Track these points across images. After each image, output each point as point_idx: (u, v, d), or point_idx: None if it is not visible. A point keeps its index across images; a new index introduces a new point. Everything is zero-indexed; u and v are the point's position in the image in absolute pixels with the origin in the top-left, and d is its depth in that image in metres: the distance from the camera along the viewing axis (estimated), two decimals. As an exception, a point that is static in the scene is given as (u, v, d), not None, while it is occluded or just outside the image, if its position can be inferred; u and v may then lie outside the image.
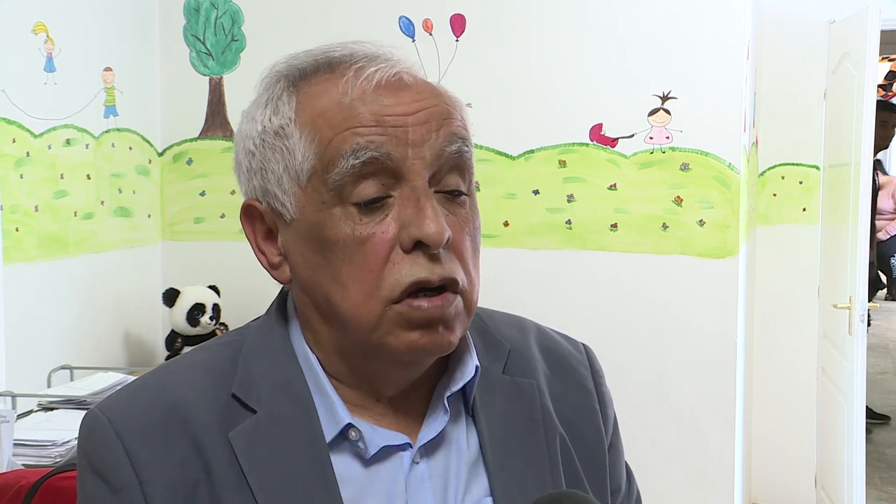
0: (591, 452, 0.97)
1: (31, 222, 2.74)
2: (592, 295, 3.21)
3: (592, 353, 1.06)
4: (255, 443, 0.85)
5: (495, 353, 0.97)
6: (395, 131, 0.83)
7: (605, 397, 1.03)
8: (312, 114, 0.85)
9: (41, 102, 2.79)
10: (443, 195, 0.86)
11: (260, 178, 0.88)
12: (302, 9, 3.33)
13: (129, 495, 0.84)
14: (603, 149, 3.19)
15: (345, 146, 0.83)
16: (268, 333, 0.92)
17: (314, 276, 0.87)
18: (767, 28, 4.09)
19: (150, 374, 0.93)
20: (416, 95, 0.86)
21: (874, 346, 7.61)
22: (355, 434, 0.87)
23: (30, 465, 2.13)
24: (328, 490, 0.85)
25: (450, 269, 0.85)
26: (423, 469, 0.89)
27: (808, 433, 4.19)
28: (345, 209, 0.84)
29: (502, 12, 3.23)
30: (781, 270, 4.20)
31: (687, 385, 3.18)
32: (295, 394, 0.88)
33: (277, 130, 0.86)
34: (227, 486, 0.84)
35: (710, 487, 3.18)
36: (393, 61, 0.87)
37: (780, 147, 4.16)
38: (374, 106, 0.84)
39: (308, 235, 0.86)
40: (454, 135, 0.86)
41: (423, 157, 0.84)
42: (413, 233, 0.83)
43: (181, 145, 3.45)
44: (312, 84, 0.87)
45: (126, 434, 0.85)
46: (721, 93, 3.11)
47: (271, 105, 0.88)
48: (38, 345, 2.79)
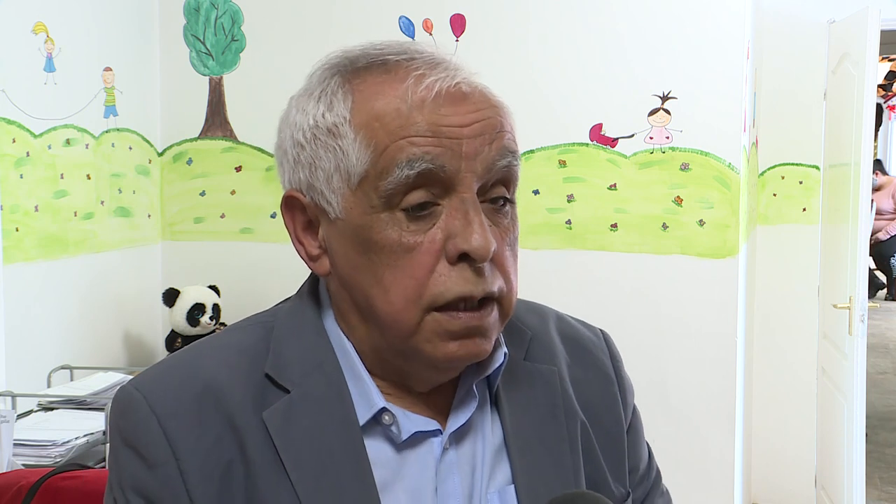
0: (611, 437, 0.99)
1: (31, 222, 2.74)
2: (592, 295, 3.21)
3: (611, 339, 1.07)
4: (289, 422, 0.86)
5: (517, 341, 0.98)
6: (451, 143, 0.83)
7: (625, 382, 1.05)
8: (368, 116, 0.85)
9: (41, 102, 2.79)
10: (487, 204, 0.87)
11: (308, 172, 0.88)
12: (302, 9, 3.33)
13: (164, 472, 0.84)
14: (603, 149, 3.19)
15: (400, 155, 0.83)
16: (300, 315, 0.93)
17: (356, 275, 0.87)
18: (767, 28, 4.09)
19: (182, 353, 0.93)
20: (473, 106, 0.86)
21: (874, 346, 7.61)
22: (389, 418, 0.88)
23: (30, 465, 2.13)
24: (361, 471, 0.86)
25: (492, 283, 0.85)
26: (452, 456, 0.90)
27: (808, 433, 4.19)
28: (393, 215, 0.84)
29: (502, 12, 3.23)
30: (781, 270, 4.20)
31: (687, 385, 3.18)
32: (328, 375, 0.89)
33: (331, 128, 0.86)
34: (261, 464, 0.85)
35: (710, 487, 3.18)
36: (452, 69, 0.87)
37: (780, 147, 4.16)
38: (432, 116, 0.84)
39: (353, 236, 0.86)
40: (506, 148, 0.87)
41: (475, 169, 0.84)
42: (460, 245, 0.83)
43: (181, 145, 3.45)
44: (368, 83, 0.86)
45: (161, 410, 0.85)
46: (721, 93, 3.11)
47: (325, 100, 0.87)
48: (38, 345, 2.79)
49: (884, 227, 9.61)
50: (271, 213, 3.36)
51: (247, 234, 3.42)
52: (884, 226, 9.62)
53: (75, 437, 2.25)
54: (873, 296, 9.57)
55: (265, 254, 3.39)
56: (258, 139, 3.36)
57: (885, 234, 9.61)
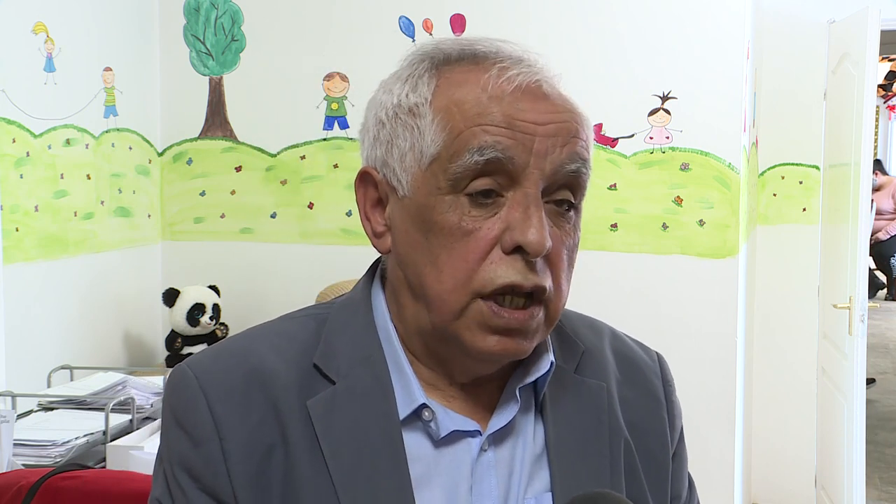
0: (655, 460, 0.99)
1: (31, 222, 2.74)
2: (592, 295, 3.20)
3: (665, 363, 1.08)
4: (332, 412, 0.88)
5: (569, 353, 0.99)
6: (523, 137, 0.85)
7: (675, 407, 1.05)
8: (448, 101, 0.87)
9: (41, 102, 2.79)
10: (552, 206, 0.88)
11: (385, 149, 0.90)
12: (302, 9, 3.33)
13: (208, 449, 0.87)
14: (603, 149, 3.19)
15: (473, 141, 0.85)
16: (352, 309, 0.95)
17: (413, 253, 0.89)
18: (767, 28, 4.09)
19: (237, 337, 0.96)
20: (551, 107, 0.88)
21: (874, 346, 7.61)
22: (428, 414, 0.90)
23: (30, 465, 2.13)
24: (397, 465, 0.87)
25: (543, 278, 0.87)
26: (489, 457, 0.91)
27: (808, 433, 4.19)
28: (456, 198, 0.86)
29: (502, 12, 3.23)
30: (781, 270, 4.20)
31: (687, 385, 3.16)
32: (374, 369, 0.91)
33: (412, 108, 0.88)
34: (301, 450, 0.87)
35: (710, 487, 3.18)
36: (536, 68, 0.89)
37: (780, 147, 4.16)
38: (508, 108, 0.85)
39: (416, 214, 0.88)
40: (577, 154, 0.88)
41: (543, 168, 0.86)
42: (516, 237, 0.85)
43: (181, 145, 3.45)
44: (455, 72, 0.89)
45: (211, 391, 0.88)
46: (721, 93, 3.11)
47: (411, 82, 0.90)
48: (38, 345, 2.79)
49: (884, 227, 9.62)
50: (271, 213, 3.36)
51: (247, 234, 3.42)
52: (884, 226, 9.62)
53: (75, 437, 2.24)
54: (873, 296, 9.58)
55: (265, 254, 3.39)
56: (258, 139, 3.36)
57: (885, 234, 9.62)
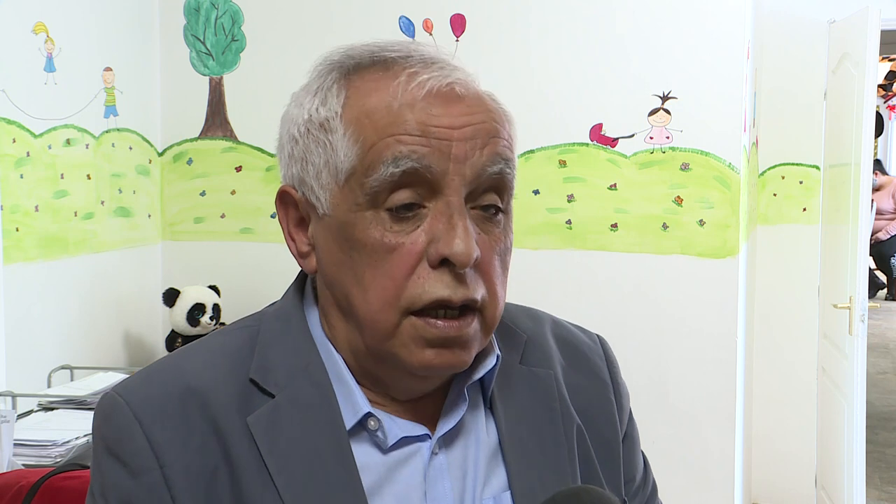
0: (607, 443, 0.97)
1: (31, 222, 2.74)
2: (592, 295, 3.21)
3: (607, 344, 1.05)
4: (274, 427, 0.84)
5: (512, 344, 0.96)
6: (439, 144, 0.82)
7: (621, 388, 1.02)
8: (359, 112, 0.84)
9: (41, 102, 2.79)
10: (478, 212, 0.85)
11: (300, 167, 0.87)
12: (302, 9, 3.33)
13: (149, 479, 0.82)
14: (603, 149, 3.19)
15: (387, 153, 0.81)
16: (285, 318, 0.91)
17: (338, 273, 0.86)
18: (767, 28, 4.09)
19: (166, 358, 0.91)
20: (466, 109, 0.84)
21: (874, 346, 7.61)
22: (374, 423, 0.87)
23: (30, 465, 2.13)
24: (349, 476, 0.84)
25: (473, 290, 0.83)
26: (441, 460, 0.89)
27: (808, 433, 4.19)
28: (377, 214, 0.83)
29: (502, 12, 3.23)
30: (781, 270, 4.20)
31: (687, 385, 3.18)
32: (314, 379, 0.87)
33: (323, 123, 0.85)
34: (246, 470, 0.83)
35: (710, 487, 3.18)
36: (448, 69, 0.85)
37: (780, 147, 4.16)
38: (421, 115, 0.82)
39: (338, 233, 0.85)
40: (498, 155, 0.84)
41: (464, 173, 0.83)
42: (441, 249, 0.82)
43: (181, 145, 3.45)
44: (364, 80, 0.86)
45: (145, 417, 0.83)
46: (721, 93, 3.11)
47: (320, 94, 0.87)
48: (38, 345, 2.79)
49: (884, 227, 9.62)
50: (271, 213, 3.35)
51: (247, 234, 3.42)
52: (884, 226, 9.63)
53: (75, 437, 2.25)
54: (873, 296, 9.58)
55: (265, 254, 3.39)
56: (258, 139, 3.36)
57: (885, 234, 9.62)
